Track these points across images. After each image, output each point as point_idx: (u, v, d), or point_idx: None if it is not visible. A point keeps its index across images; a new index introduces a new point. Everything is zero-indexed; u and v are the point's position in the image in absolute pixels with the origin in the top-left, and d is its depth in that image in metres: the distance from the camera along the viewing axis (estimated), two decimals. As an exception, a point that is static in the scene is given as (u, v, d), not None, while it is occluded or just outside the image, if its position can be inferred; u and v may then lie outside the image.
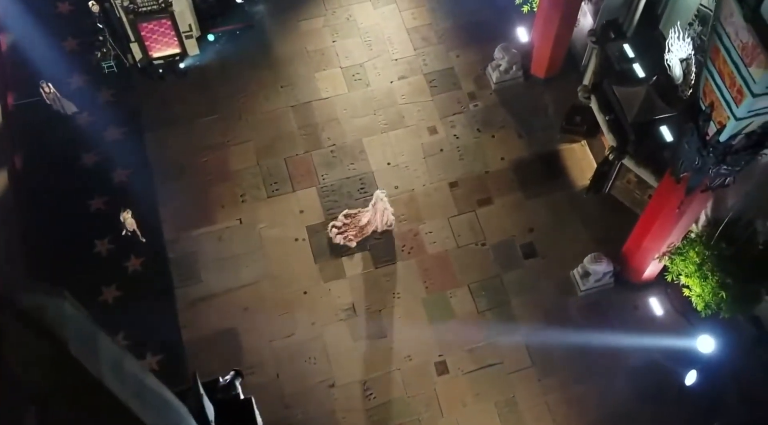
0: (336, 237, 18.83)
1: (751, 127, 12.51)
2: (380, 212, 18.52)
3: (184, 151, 20.14)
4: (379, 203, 18.28)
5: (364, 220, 18.78)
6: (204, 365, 17.49)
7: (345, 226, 18.88)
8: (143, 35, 20.11)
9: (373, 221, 18.69)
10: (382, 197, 18.21)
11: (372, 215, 18.62)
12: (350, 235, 18.82)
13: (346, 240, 18.81)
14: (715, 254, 16.11)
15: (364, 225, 18.79)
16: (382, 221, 18.68)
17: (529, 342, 17.78)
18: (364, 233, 18.88)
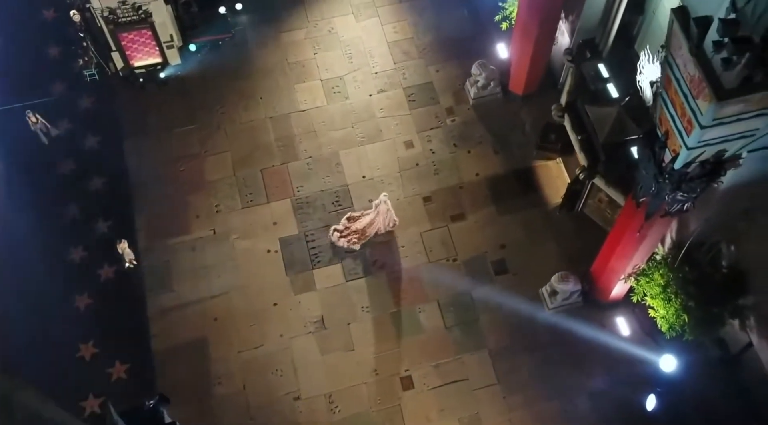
0: (339, 241, 19.00)
1: (704, 156, 12.56)
2: (383, 214, 18.69)
3: (162, 160, 20.32)
4: (382, 205, 18.53)
5: (366, 221, 18.94)
6: (172, 374, 17.78)
7: (347, 229, 19.03)
8: (124, 45, 20.31)
9: (376, 223, 18.85)
10: (385, 199, 18.46)
11: (374, 217, 18.79)
12: (353, 238, 18.98)
13: (350, 243, 18.98)
14: (679, 276, 16.18)
15: (366, 227, 18.95)
16: (385, 222, 18.83)
17: (495, 359, 17.85)
18: (367, 235, 19.03)
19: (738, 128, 11.62)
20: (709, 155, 12.58)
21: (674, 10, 11.22)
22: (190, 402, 17.33)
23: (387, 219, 18.87)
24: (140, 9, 19.38)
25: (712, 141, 12.01)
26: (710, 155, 12.59)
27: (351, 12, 22.60)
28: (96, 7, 19.27)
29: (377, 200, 18.62)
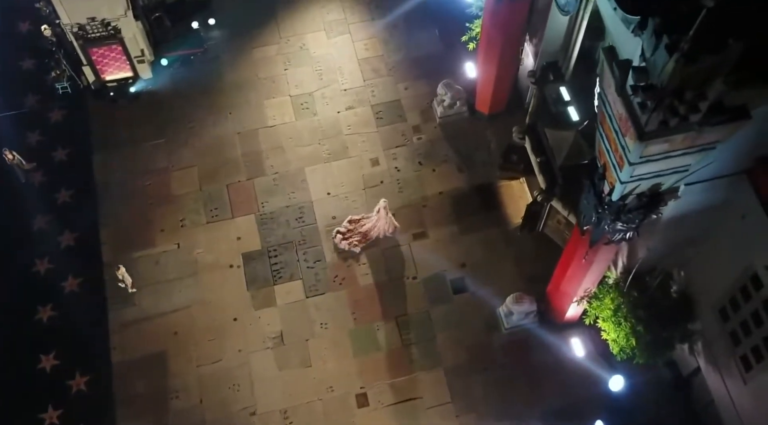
0: (341, 243, 19.29)
1: (640, 188, 12.74)
2: (383, 219, 19.01)
3: (130, 173, 20.57)
4: (382, 210, 18.87)
5: (368, 225, 19.22)
6: (130, 387, 18.04)
7: (349, 232, 19.30)
8: (94, 59, 20.59)
9: (378, 227, 19.16)
10: (384, 205, 18.83)
11: (375, 221, 19.09)
12: (354, 240, 19.26)
13: (351, 246, 19.26)
14: (628, 301, 16.39)
15: (368, 231, 19.22)
16: (385, 227, 19.12)
17: (450, 378, 18.03)
18: (368, 238, 19.32)
19: (668, 164, 11.79)
20: (645, 188, 12.76)
21: (604, 49, 11.41)
22: (147, 416, 17.63)
23: (387, 224, 19.16)
24: (109, 25, 19.63)
25: (645, 176, 12.18)
26: (646, 188, 12.78)
27: (323, 28, 22.82)
28: (65, 23, 19.51)
29: (377, 206, 18.95)
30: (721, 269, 14.94)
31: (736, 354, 15.01)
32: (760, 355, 14.20)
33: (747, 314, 14.37)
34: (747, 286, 14.17)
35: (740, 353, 14.85)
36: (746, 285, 14.19)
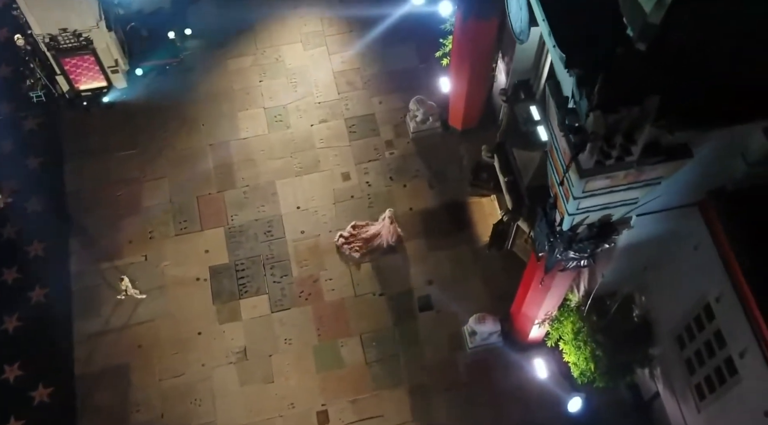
0: (343, 247, 19.35)
1: (590, 219, 12.70)
2: (387, 228, 19.08)
3: (101, 184, 20.58)
4: (386, 219, 19.01)
5: (371, 232, 19.30)
6: (93, 400, 18.13)
7: (352, 236, 19.36)
8: (67, 69, 20.60)
9: (382, 235, 19.24)
10: (389, 214, 19.00)
11: (379, 229, 19.18)
12: (356, 246, 19.31)
13: (352, 251, 19.30)
14: (588, 325, 16.37)
15: (371, 238, 19.30)
16: (388, 236, 19.20)
17: (412, 396, 18.02)
18: (370, 245, 19.37)
19: (614, 197, 11.75)
20: (594, 218, 12.72)
21: (549, 83, 11.38)
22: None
23: (391, 233, 19.17)
24: (81, 36, 19.62)
25: (592, 208, 12.14)
26: (596, 219, 12.73)
27: (300, 40, 22.78)
28: (37, 34, 19.50)
29: (383, 214, 19.11)
30: (678, 297, 14.89)
31: (691, 383, 14.96)
32: (713, 385, 14.15)
33: (701, 343, 14.33)
34: (701, 316, 14.13)
35: (695, 381, 14.81)
36: (700, 315, 14.15)
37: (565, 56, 9.76)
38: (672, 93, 9.34)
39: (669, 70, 9.24)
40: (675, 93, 9.34)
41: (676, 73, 9.26)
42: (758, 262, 12.09)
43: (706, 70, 9.30)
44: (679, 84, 9.27)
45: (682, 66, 9.22)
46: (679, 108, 9.48)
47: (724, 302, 13.08)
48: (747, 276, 12.17)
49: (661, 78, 9.23)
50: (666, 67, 9.25)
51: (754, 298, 12.02)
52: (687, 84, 9.32)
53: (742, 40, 9.06)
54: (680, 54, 9.13)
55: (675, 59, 9.16)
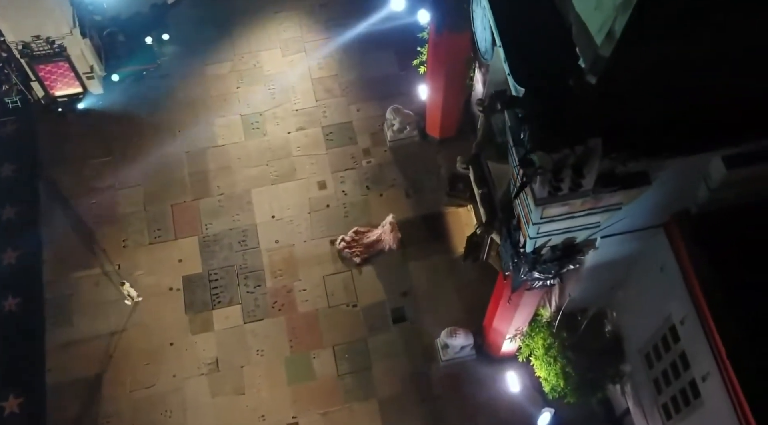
0: (344, 251, 19.30)
1: (553, 241, 12.59)
2: (388, 233, 19.16)
3: (75, 191, 20.46)
4: (388, 225, 19.11)
5: (372, 237, 19.30)
6: (64, 411, 18.03)
7: (354, 241, 19.31)
8: (42, 76, 20.46)
9: (384, 240, 19.28)
10: (391, 219, 19.14)
11: (381, 235, 19.21)
12: (357, 250, 19.25)
13: (353, 255, 19.26)
14: (559, 341, 16.28)
15: (372, 243, 19.31)
16: (390, 241, 19.25)
17: (384, 410, 17.93)
18: (371, 250, 19.33)
19: (575, 222, 11.64)
20: (557, 241, 12.61)
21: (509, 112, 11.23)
22: (77, 441, 17.60)
23: (392, 239, 19.19)
24: (54, 43, 19.47)
25: (553, 232, 12.04)
26: (559, 241, 12.62)
27: (278, 46, 22.62)
28: (10, 41, 19.34)
29: (385, 220, 19.25)
30: (646, 317, 14.79)
31: (658, 402, 14.88)
32: (678, 407, 14.07)
33: (667, 364, 14.24)
34: (667, 336, 14.04)
35: (662, 401, 14.72)
36: (666, 336, 14.06)
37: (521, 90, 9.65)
38: (624, 125, 9.24)
39: (620, 102, 9.10)
40: (627, 125, 9.23)
41: (627, 105, 9.13)
42: (720, 287, 11.97)
43: (659, 102, 9.17)
44: (630, 116, 9.14)
45: (633, 98, 9.08)
46: (631, 140, 9.35)
47: (688, 325, 12.96)
48: (708, 301, 12.05)
49: (613, 111, 9.11)
50: (617, 99, 9.11)
51: (714, 323, 11.92)
52: (639, 116, 9.18)
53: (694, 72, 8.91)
54: (632, 86, 8.99)
55: (626, 91, 9.02)
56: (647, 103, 9.09)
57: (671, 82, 8.92)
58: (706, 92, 9.15)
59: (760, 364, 11.48)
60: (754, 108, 9.29)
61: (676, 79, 8.91)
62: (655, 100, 9.06)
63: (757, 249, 11.98)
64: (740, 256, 12.03)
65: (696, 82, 8.99)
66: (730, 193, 11.63)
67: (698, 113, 9.30)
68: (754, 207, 11.94)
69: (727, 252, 12.12)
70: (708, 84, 9.03)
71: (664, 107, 9.15)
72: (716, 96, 9.19)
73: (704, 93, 9.10)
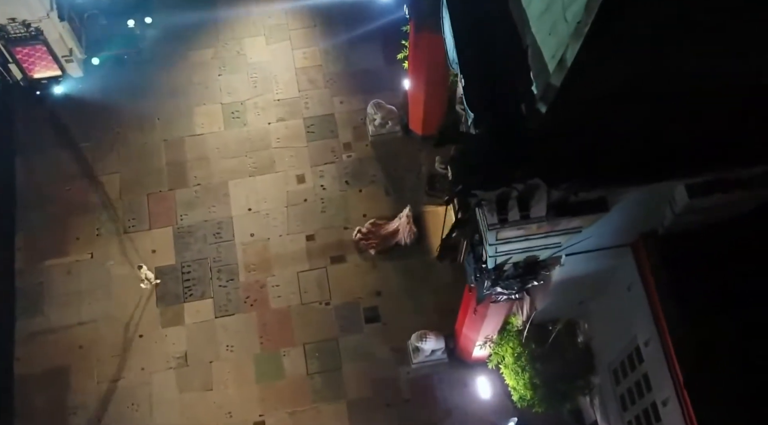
0: (360, 242, 19.13)
1: (515, 259, 12.28)
2: (404, 226, 18.87)
3: (51, 178, 20.22)
4: (404, 218, 18.83)
5: (389, 229, 19.10)
6: (31, 401, 17.97)
7: (370, 233, 19.12)
8: (19, 58, 20.09)
9: (400, 233, 19.06)
10: (408, 212, 18.85)
11: (397, 226, 19.01)
12: (373, 242, 19.05)
13: (369, 247, 19.04)
14: (526, 352, 16.04)
15: (388, 235, 19.10)
16: (406, 233, 19.00)
17: (351, 411, 17.76)
18: (387, 242, 19.14)
19: (534, 243, 11.34)
20: (519, 259, 12.31)
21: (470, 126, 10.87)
22: (43, 432, 17.53)
23: (408, 231, 18.98)
24: (30, 26, 19.08)
25: (513, 251, 11.73)
26: (521, 259, 12.32)
27: (263, 34, 22.14)
28: (-15, 23, 19.00)
29: (402, 212, 18.98)
30: (614, 333, 14.51)
31: (624, 419, 14.64)
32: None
33: (632, 382, 13.97)
34: (633, 356, 13.76)
35: (627, 418, 14.47)
36: (632, 355, 13.78)
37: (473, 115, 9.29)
38: (575, 155, 8.87)
39: (571, 132, 8.72)
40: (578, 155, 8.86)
41: (578, 136, 8.74)
42: (683, 313, 11.65)
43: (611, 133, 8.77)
44: (582, 146, 8.76)
45: (584, 128, 8.68)
46: (583, 169, 8.97)
47: (652, 348, 12.69)
48: (670, 327, 11.76)
49: (563, 141, 8.73)
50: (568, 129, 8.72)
51: (675, 350, 11.64)
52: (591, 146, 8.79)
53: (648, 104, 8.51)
54: (582, 117, 8.59)
55: (577, 122, 8.62)
56: (599, 134, 8.69)
57: (624, 115, 8.52)
58: (661, 125, 8.75)
59: (717, 395, 11.22)
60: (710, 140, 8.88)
61: (629, 112, 8.51)
62: (607, 130, 8.66)
63: (723, 274, 11.67)
64: (705, 281, 11.72)
65: (650, 115, 8.58)
66: (696, 217, 11.27)
67: (653, 143, 8.90)
68: (721, 230, 11.59)
69: (692, 276, 11.80)
70: (663, 117, 8.62)
71: (617, 138, 8.75)
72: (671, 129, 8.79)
73: (658, 125, 8.70)
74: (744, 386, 11.13)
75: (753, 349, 11.43)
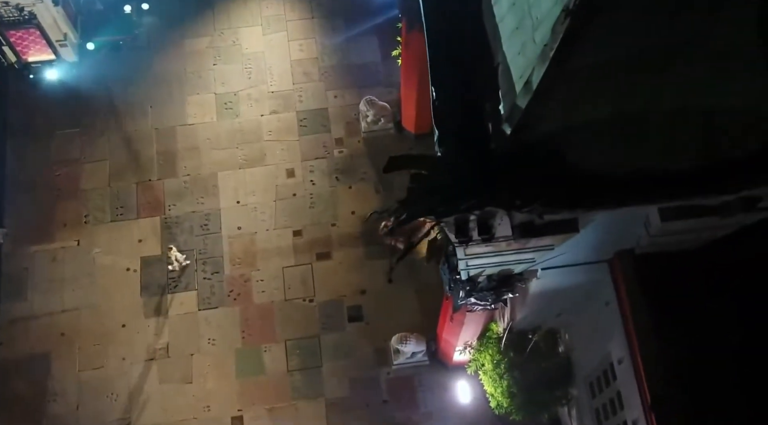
0: (387, 238, 19.01)
1: (488, 272, 12.13)
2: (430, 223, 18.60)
3: (41, 162, 20.14)
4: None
5: (417, 224, 18.81)
6: (10, 387, 18.01)
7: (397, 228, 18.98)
8: (13, 41, 19.98)
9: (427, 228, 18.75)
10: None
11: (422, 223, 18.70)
12: (401, 238, 18.85)
13: (396, 242, 18.90)
14: (505, 360, 15.90)
15: (416, 231, 18.84)
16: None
17: (330, 410, 17.72)
18: (413, 239, 18.86)
19: (506, 258, 11.18)
20: (493, 272, 12.16)
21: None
22: (22, 417, 17.58)
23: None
24: (23, 10, 18.95)
25: (485, 265, 11.59)
26: (494, 272, 12.17)
27: (260, 23, 21.90)
28: (-22, 5, 18.88)
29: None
30: (591, 347, 14.35)
31: (598, 434, 14.52)
32: (615, 443, 13.70)
33: (606, 398, 13.83)
34: (608, 372, 13.61)
35: (602, 433, 14.36)
36: (607, 371, 13.63)
37: (437, 133, 9.12)
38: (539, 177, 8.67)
39: (535, 155, 8.51)
40: (542, 179, 8.66)
41: (543, 159, 8.53)
42: (655, 335, 11.48)
43: (578, 157, 8.55)
44: (547, 169, 8.56)
45: (550, 152, 8.47)
46: (547, 194, 8.77)
47: (624, 367, 12.53)
48: (641, 348, 11.59)
49: (527, 163, 8.53)
50: (533, 151, 8.52)
51: (644, 371, 11.48)
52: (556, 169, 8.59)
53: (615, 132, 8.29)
54: (548, 140, 8.39)
55: (542, 145, 8.41)
56: (564, 159, 8.48)
57: (590, 141, 8.31)
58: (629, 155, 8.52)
59: (685, 419, 11.08)
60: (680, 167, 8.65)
61: (596, 139, 8.29)
62: (573, 155, 8.45)
63: (699, 297, 11.50)
64: (680, 303, 11.55)
65: (617, 142, 8.36)
66: (672, 239, 11.07)
67: (621, 169, 8.67)
68: (699, 252, 11.41)
69: (667, 297, 11.63)
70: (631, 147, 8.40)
71: (583, 163, 8.53)
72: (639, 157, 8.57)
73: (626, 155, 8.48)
74: (713, 411, 11.01)
75: (725, 374, 11.30)
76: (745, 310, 11.45)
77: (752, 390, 11.24)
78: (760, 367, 11.25)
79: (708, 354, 11.33)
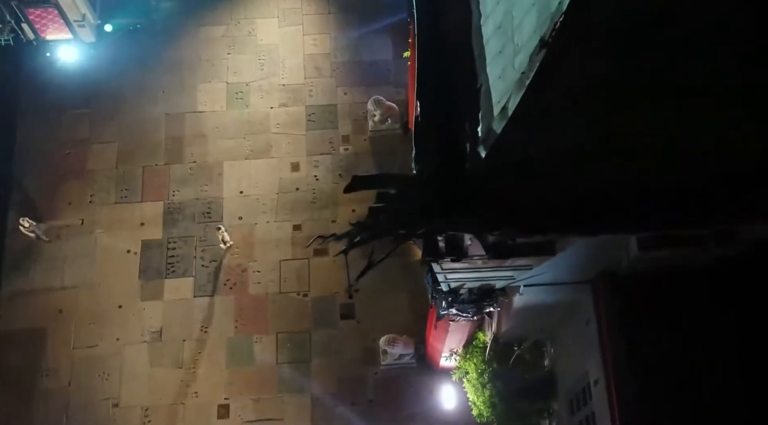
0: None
1: (469, 285, 12.22)
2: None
3: (50, 140, 20.44)
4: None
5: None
6: (6, 358, 18.40)
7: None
8: (32, 19, 20.25)
9: None
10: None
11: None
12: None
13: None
14: (489, 370, 15.97)
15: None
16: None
17: (315, 405, 17.89)
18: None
19: (485, 274, 11.27)
20: (473, 285, 12.25)
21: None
22: (13, 390, 17.97)
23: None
24: (42, -11, 19.24)
25: (464, 279, 11.69)
26: (475, 286, 12.26)
27: (276, 15, 21.99)
28: (-3, -17, 19.18)
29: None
30: (572, 364, 14.39)
31: (575, 450, 14.57)
32: (590, 461, 13.74)
33: (583, 417, 13.87)
34: (585, 391, 13.64)
35: (577, 451, 14.41)
36: (585, 389, 13.66)
37: (414, 150, 9.20)
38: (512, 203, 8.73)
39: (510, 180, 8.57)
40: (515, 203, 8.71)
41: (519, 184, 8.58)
42: (629, 361, 11.50)
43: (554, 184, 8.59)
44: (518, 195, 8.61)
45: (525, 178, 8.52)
46: (520, 219, 8.83)
47: (599, 389, 12.54)
48: (615, 373, 11.61)
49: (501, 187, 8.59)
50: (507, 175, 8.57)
51: (616, 396, 11.51)
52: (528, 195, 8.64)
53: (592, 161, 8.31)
54: (522, 167, 8.43)
55: (516, 171, 8.46)
56: (537, 184, 8.53)
57: (562, 168, 8.33)
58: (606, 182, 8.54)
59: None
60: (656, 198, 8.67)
61: (568, 166, 8.32)
62: (545, 181, 8.49)
63: (679, 322, 11.50)
64: (659, 328, 11.56)
65: (590, 171, 8.39)
66: (651, 265, 11.07)
67: (595, 197, 8.70)
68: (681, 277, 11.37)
69: (646, 321, 11.65)
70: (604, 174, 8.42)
71: (556, 189, 8.57)
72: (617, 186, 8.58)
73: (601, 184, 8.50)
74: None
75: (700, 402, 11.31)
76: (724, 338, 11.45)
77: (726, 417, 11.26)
78: (734, 395, 11.25)
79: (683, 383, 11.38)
